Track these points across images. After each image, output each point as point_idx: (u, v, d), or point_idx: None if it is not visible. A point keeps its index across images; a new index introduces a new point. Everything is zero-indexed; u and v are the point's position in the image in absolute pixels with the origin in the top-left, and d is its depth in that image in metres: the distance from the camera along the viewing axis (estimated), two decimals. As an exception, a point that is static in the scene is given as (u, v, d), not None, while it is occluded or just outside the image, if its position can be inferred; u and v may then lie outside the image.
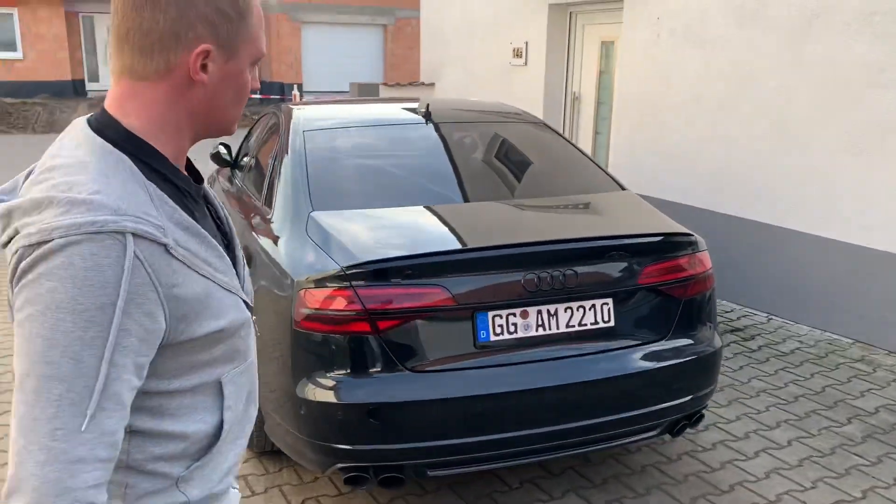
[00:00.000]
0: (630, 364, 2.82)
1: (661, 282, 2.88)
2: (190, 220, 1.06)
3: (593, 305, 2.78)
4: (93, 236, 0.94)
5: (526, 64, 7.53)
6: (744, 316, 5.28)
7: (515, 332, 2.69)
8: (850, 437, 3.59)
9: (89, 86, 24.08)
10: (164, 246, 1.00)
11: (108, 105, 1.09)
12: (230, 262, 1.14)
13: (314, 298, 2.58)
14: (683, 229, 3.05)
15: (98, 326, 0.94)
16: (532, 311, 2.71)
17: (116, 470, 1.03)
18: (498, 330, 2.67)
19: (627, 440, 2.93)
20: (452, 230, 2.93)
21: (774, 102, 5.07)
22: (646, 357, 2.86)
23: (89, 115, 1.11)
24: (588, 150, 7.15)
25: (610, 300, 2.80)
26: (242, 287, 1.20)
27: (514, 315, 2.69)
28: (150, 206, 1.01)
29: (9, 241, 1.00)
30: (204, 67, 1.07)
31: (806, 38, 4.84)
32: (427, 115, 3.83)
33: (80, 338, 0.93)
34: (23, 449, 0.92)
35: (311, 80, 23.11)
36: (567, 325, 2.75)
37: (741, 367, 4.39)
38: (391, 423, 2.59)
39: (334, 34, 22.88)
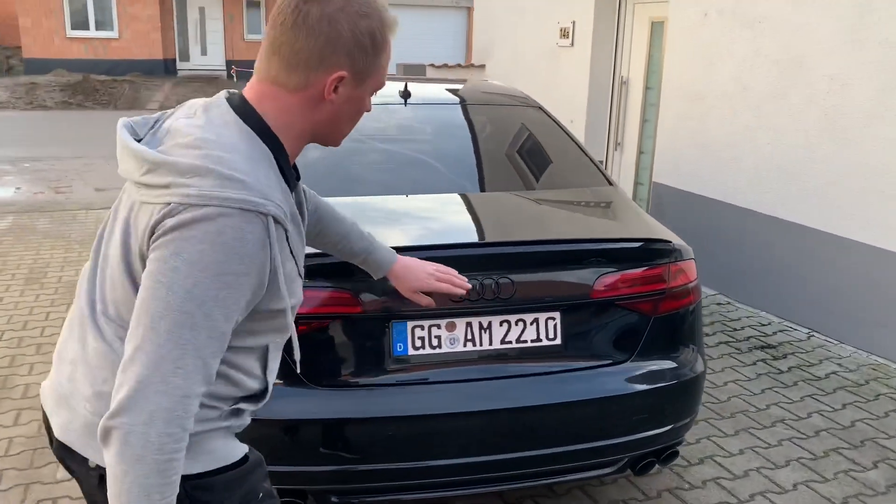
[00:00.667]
0: (577, 389, 2.42)
1: (623, 295, 2.46)
2: (296, 211, 1.28)
3: (536, 320, 2.39)
4: (244, 213, 1.12)
5: (573, 45, 7.04)
6: (781, 331, 4.71)
7: (439, 346, 2.34)
8: (872, 485, 3.06)
9: (180, 65, 24.78)
10: (286, 231, 1.21)
11: (249, 97, 1.27)
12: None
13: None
14: (660, 235, 2.60)
15: (230, 289, 1.13)
16: (460, 322, 2.34)
17: None
18: (418, 343, 2.32)
19: (572, 477, 2.53)
20: (385, 225, 2.58)
21: (827, 92, 4.46)
22: (599, 382, 2.45)
23: (228, 95, 1.30)
24: (634, 139, 6.62)
25: (557, 314, 2.40)
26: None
27: (439, 327, 2.33)
28: (281, 194, 1.21)
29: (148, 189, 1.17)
30: (336, 89, 1.26)
31: (865, 22, 4.20)
32: (405, 96, 3.48)
33: (214, 297, 1.12)
34: (146, 378, 1.11)
35: (392, 62, 23.00)
36: (503, 342, 2.37)
37: (762, 391, 3.87)
38: (290, 443, 2.29)
39: (417, 16, 22.68)
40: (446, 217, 2.71)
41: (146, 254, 1.16)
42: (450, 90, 3.80)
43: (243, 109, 1.25)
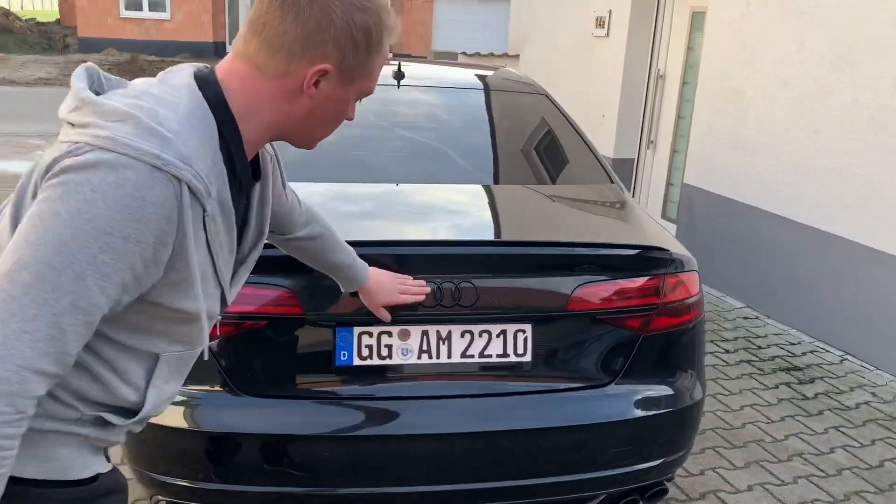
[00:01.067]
0: (547, 414, 2.11)
1: (606, 308, 2.14)
2: (230, 202, 1.12)
3: (503, 332, 2.09)
4: (154, 171, 0.98)
5: (608, 35, 6.66)
6: (811, 352, 4.30)
7: (389, 356, 2.05)
8: (896, 537, 2.69)
9: (229, 48, 24.83)
10: (204, 210, 1.05)
11: (219, 71, 1.14)
12: (233, 259, 1.21)
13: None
14: (656, 241, 2.27)
15: (113, 253, 0.97)
16: (415, 331, 2.06)
17: None
18: (365, 352, 2.05)
19: (539, 513, 2.22)
20: (337, 216, 2.30)
21: (877, 92, 4.03)
22: (573, 406, 2.14)
23: (200, 65, 1.16)
24: (668, 137, 6.23)
25: (528, 327, 2.10)
26: (230, 286, 1.24)
27: (390, 335, 2.05)
28: (211, 172, 1.06)
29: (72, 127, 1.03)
30: (317, 84, 1.12)
31: (924, 9, 3.77)
32: (398, 77, 3.20)
33: (92, 257, 0.96)
34: None
35: (441, 47, 22.76)
36: (463, 355, 2.08)
37: (782, 419, 3.50)
38: (213, 458, 2.04)
39: (467, 7, 22.36)
40: (406, 210, 2.41)
41: (38, 194, 1.00)
42: (450, 74, 3.50)
43: (205, 78, 1.12)
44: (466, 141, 2.94)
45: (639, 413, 2.19)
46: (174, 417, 2.01)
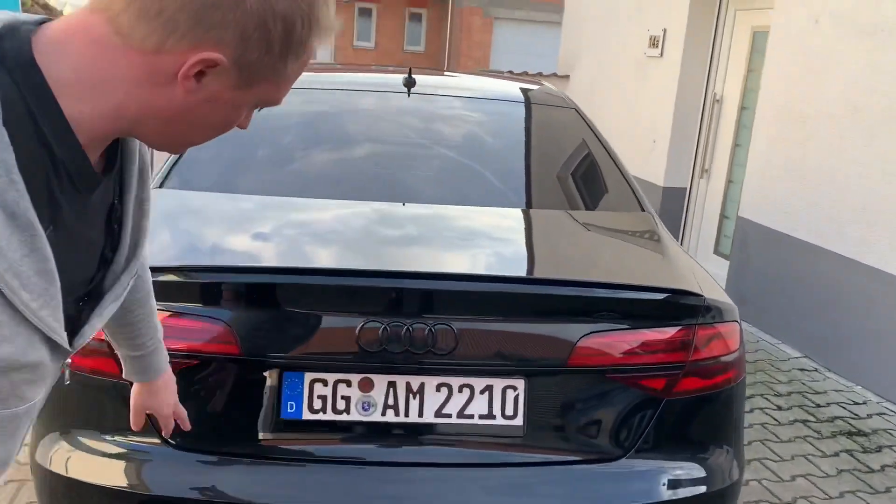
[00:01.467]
0: (542, 491, 1.70)
1: (620, 365, 1.73)
2: (26, 206, 0.76)
3: (489, 387, 1.69)
4: None
5: (662, 55, 6.23)
6: (879, 414, 3.75)
7: (347, 411, 1.68)
8: None
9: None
10: None
11: (56, 26, 0.82)
12: (58, 286, 0.83)
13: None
14: (688, 285, 1.84)
15: None
16: (379, 381, 1.68)
17: None
18: (317, 404, 1.68)
19: None
20: (291, 238, 1.94)
21: (965, 117, 3.52)
22: (574, 484, 1.72)
23: (36, 17, 0.84)
24: (724, 166, 5.74)
25: (521, 383, 1.70)
26: (74, 326, 0.92)
27: (349, 384, 1.68)
28: None
29: None
30: (200, 75, 0.81)
31: None
32: (409, 85, 2.86)
33: None
34: None
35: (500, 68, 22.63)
36: (438, 414, 1.69)
37: (841, 495, 2.98)
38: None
39: (527, 30, 22.20)
40: (390, 231, 2.03)
41: None
42: (471, 84, 3.15)
43: (14, 28, 0.80)
44: (471, 158, 2.56)
45: (658, 496, 1.76)
46: (94, 473, 1.68)
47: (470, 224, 2.10)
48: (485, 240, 2.04)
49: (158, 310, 1.37)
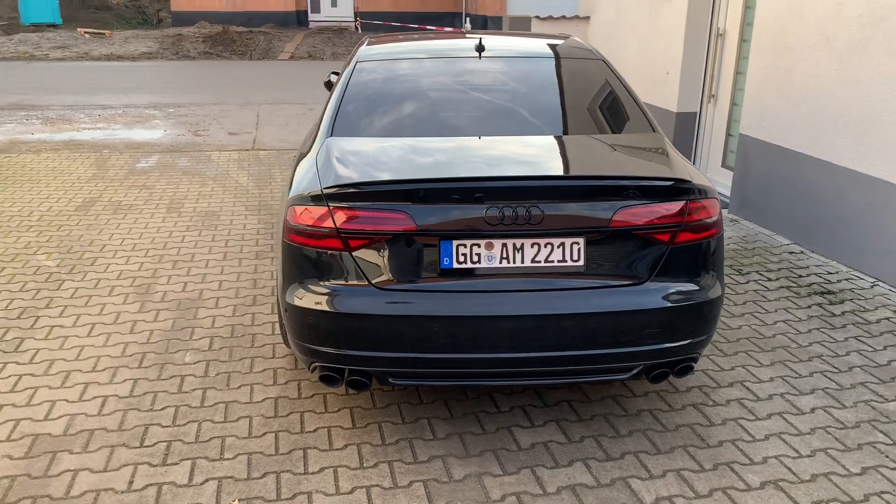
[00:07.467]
0: (595, 302, 2.84)
1: (640, 225, 2.85)
2: None
3: (562, 244, 2.83)
4: None
5: (671, -3, 7.14)
6: (846, 279, 4.86)
7: (479, 262, 2.83)
8: (887, 414, 3.32)
9: (311, 17, 25.93)
10: None
11: None
12: None
13: (296, 215, 2.89)
14: (680, 174, 2.95)
15: None
16: (497, 243, 2.82)
17: None
18: (461, 258, 2.82)
19: (590, 378, 2.98)
20: (437, 161, 3.08)
21: (907, 44, 4.50)
22: (615, 297, 2.86)
23: None
24: (728, 92, 6.72)
25: (581, 240, 2.83)
26: None
27: (479, 246, 2.82)
28: None
29: None
30: None
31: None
32: (479, 49, 3.93)
33: None
34: None
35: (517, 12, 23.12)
36: (533, 261, 2.83)
37: (809, 331, 4.12)
38: (358, 332, 2.86)
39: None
40: (492, 154, 3.16)
41: None
42: (521, 46, 4.21)
43: None
44: (534, 101, 3.66)
45: (668, 303, 2.90)
46: (325, 303, 2.85)
47: (543, 146, 3.22)
48: (553, 154, 3.16)
49: (371, 208, 2.52)
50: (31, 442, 3.04)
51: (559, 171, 3.00)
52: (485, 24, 23.00)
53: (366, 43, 4.23)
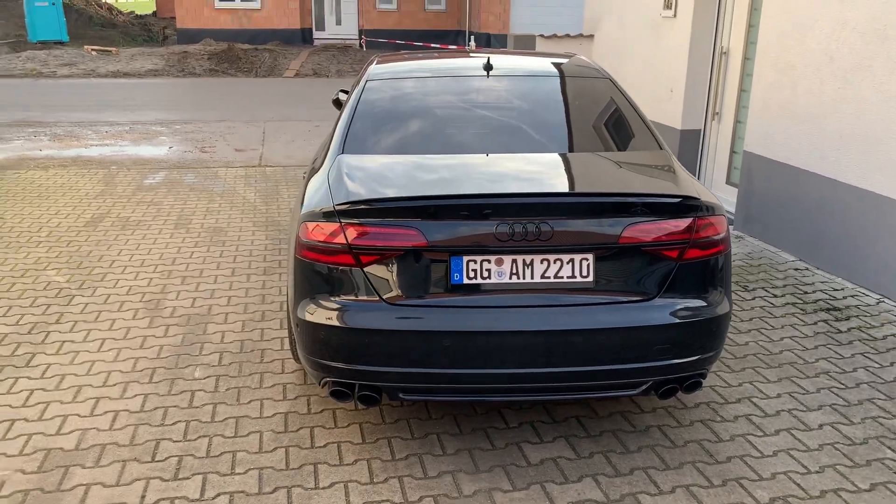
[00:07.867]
0: (605, 318, 2.87)
1: (648, 242, 2.87)
2: None
3: (571, 260, 2.86)
4: None
5: (675, 15, 7.22)
6: (852, 296, 4.88)
7: (489, 277, 2.85)
8: (895, 430, 3.33)
9: (316, 34, 26.16)
10: None
11: None
12: None
13: (308, 231, 2.92)
14: (688, 192, 2.98)
15: None
16: (507, 259, 2.85)
17: None
18: (472, 274, 2.85)
19: (599, 394, 3.01)
20: (447, 178, 3.12)
21: (910, 62, 4.54)
22: (623, 313, 2.89)
23: None
24: (732, 109, 6.77)
25: (590, 255, 2.86)
26: None
27: (489, 262, 2.85)
28: None
29: None
30: None
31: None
32: (488, 68, 3.98)
33: None
34: None
35: (521, 30, 23.32)
36: (542, 277, 2.86)
37: (815, 347, 4.13)
38: (368, 347, 2.89)
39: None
40: (502, 171, 3.20)
41: None
42: (528, 64, 4.26)
43: None
44: (542, 119, 3.71)
45: (677, 319, 2.92)
46: (336, 318, 2.87)
47: (552, 164, 3.26)
48: (562, 172, 3.20)
49: (382, 224, 2.56)
50: (44, 456, 3.06)
51: (568, 188, 3.04)
52: (488, 41, 23.22)
53: (375, 62, 4.29)
